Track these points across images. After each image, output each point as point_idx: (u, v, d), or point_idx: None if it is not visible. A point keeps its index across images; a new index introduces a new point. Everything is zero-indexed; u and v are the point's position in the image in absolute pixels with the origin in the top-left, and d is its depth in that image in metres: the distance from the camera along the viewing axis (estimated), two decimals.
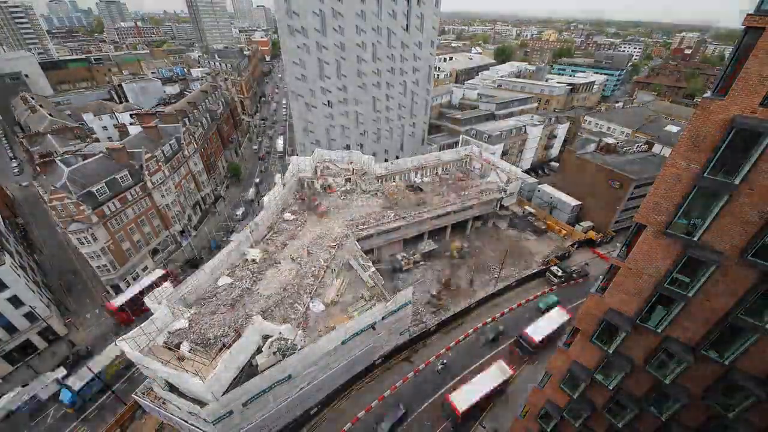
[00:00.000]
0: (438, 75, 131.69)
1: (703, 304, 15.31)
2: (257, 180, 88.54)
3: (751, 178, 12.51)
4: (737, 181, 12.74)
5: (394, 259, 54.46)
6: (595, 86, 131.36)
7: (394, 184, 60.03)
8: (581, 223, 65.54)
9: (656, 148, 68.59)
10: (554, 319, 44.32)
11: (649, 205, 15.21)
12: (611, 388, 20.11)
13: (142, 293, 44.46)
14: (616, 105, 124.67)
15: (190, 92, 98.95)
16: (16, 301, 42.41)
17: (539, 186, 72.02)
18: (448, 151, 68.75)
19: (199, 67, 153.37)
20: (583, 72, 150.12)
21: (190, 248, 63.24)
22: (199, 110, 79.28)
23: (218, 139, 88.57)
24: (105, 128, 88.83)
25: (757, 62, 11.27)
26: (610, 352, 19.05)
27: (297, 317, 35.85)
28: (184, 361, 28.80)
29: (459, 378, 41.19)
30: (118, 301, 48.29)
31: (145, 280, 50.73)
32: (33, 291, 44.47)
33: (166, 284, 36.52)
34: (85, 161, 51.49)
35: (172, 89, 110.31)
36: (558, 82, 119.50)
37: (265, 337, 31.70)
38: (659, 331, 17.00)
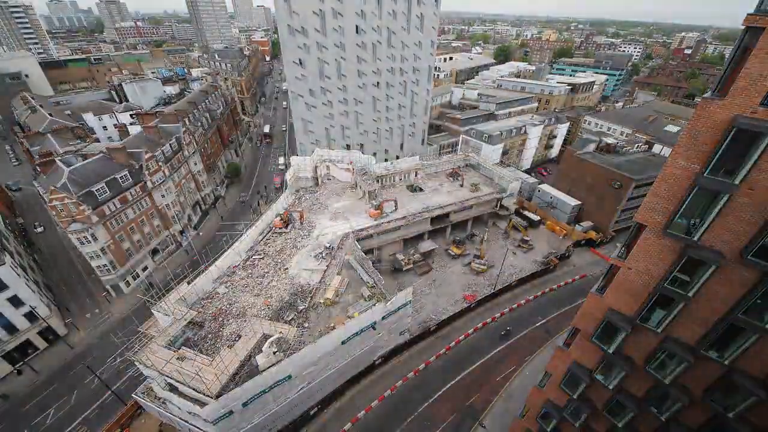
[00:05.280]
0: (438, 75, 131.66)
1: (703, 304, 15.30)
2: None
3: (751, 178, 12.49)
4: (737, 181, 12.73)
5: (394, 259, 54.47)
6: (595, 86, 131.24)
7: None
8: (581, 223, 65.55)
9: (656, 148, 68.52)
10: None
11: (649, 205, 15.21)
12: (611, 388, 20.11)
13: None
14: (616, 105, 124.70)
15: (190, 92, 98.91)
16: (16, 301, 42.43)
17: (539, 186, 72.04)
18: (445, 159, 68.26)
19: (199, 67, 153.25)
20: (583, 72, 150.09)
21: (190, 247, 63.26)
22: (199, 110, 79.25)
23: (218, 139, 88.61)
24: (105, 128, 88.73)
25: (757, 62, 11.25)
26: (610, 352, 19.06)
27: (297, 316, 35.87)
28: (184, 361, 28.81)
29: None
30: None
31: None
32: (33, 291, 44.49)
33: None
34: (85, 161, 51.47)
35: (172, 89, 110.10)
36: (558, 82, 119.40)
37: (265, 337, 31.70)
38: (659, 331, 17.00)
